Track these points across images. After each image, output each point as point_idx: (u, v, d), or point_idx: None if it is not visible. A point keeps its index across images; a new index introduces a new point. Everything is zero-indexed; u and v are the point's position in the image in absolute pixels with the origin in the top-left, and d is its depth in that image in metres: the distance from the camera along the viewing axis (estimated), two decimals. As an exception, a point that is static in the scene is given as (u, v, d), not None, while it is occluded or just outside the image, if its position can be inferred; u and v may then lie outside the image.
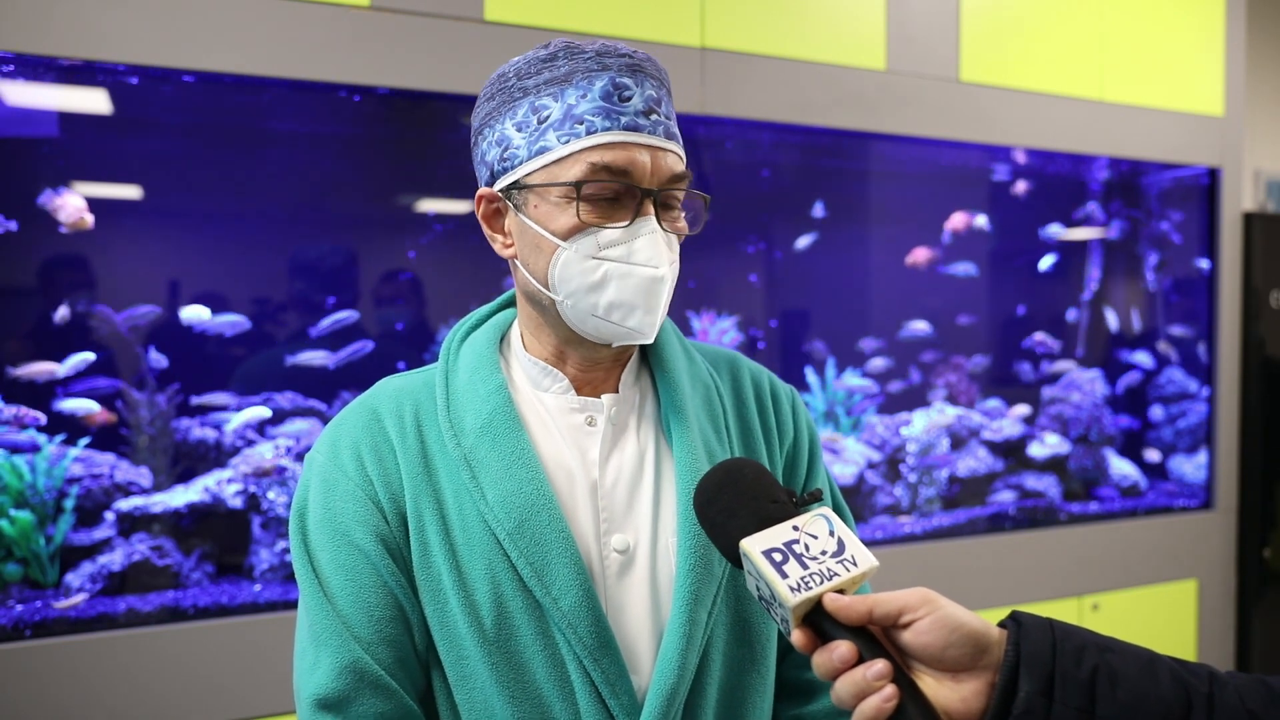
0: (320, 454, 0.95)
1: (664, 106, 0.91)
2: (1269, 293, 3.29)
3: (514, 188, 0.91)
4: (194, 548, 2.19)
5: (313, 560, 0.91)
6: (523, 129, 0.90)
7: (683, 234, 0.94)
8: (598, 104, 0.87)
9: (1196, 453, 3.35)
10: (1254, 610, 3.27)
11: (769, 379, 1.08)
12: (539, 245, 0.90)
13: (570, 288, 0.89)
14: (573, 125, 0.87)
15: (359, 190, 2.55)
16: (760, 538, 0.73)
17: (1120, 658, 0.69)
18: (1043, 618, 0.71)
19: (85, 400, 2.11)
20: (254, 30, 1.97)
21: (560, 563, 0.87)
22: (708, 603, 0.90)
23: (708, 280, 2.95)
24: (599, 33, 2.29)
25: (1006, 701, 0.67)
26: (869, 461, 2.99)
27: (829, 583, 0.70)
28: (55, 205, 2.02)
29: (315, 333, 2.36)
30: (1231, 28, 3.20)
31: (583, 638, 0.86)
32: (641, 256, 0.88)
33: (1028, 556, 2.89)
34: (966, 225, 3.11)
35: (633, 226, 0.88)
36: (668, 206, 0.92)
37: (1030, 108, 2.87)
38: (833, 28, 2.59)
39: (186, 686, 1.93)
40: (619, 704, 0.87)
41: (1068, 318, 3.50)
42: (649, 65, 0.91)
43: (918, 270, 3.15)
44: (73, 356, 2.10)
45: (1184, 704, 0.67)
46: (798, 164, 3.07)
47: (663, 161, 0.89)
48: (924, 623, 0.68)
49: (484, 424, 0.92)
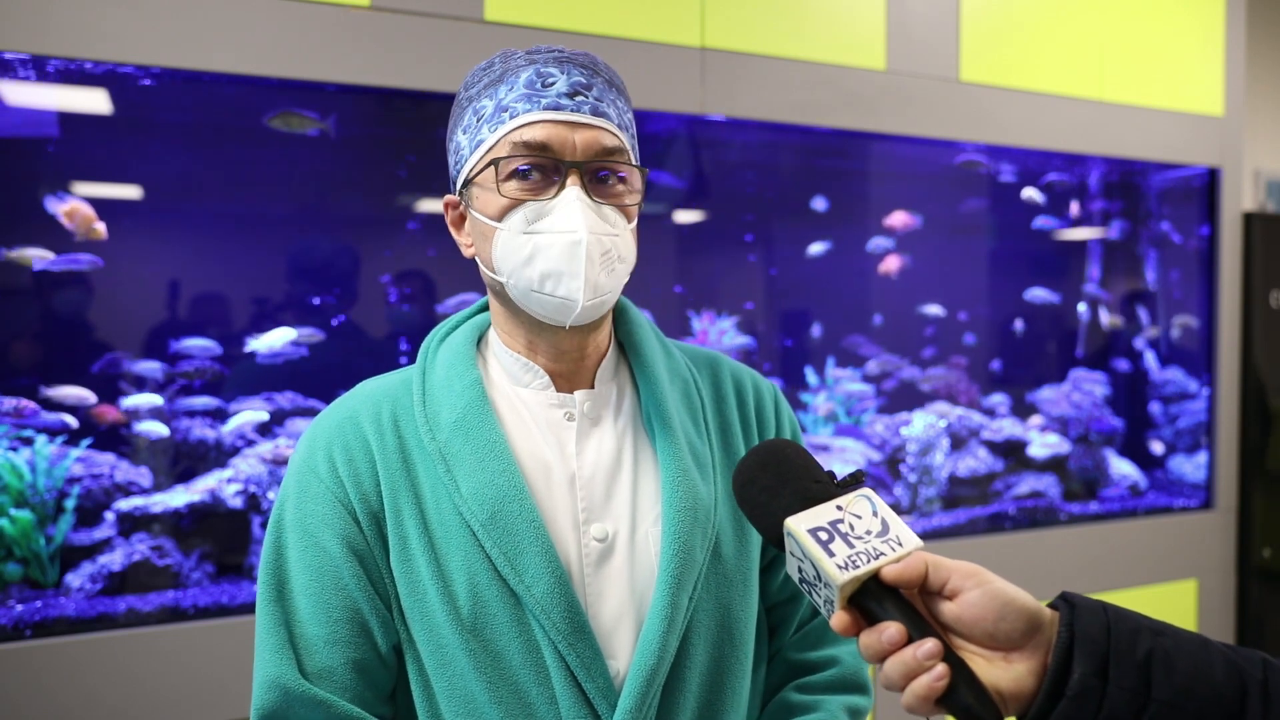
0: (298, 456, 0.98)
1: (595, 90, 0.94)
2: (1269, 293, 3.29)
3: (465, 187, 0.96)
4: (194, 548, 2.19)
5: (279, 560, 0.94)
6: (466, 131, 0.96)
7: (621, 205, 0.95)
8: (521, 92, 0.92)
9: (1196, 453, 3.35)
10: (1254, 610, 3.27)
11: (750, 377, 1.11)
12: (484, 233, 0.95)
13: (509, 266, 0.93)
14: (499, 114, 0.93)
15: (359, 190, 2.55)
16: (805, 516, 0.72)
17: (1174, 641, 0.68)
18: (1095, 599, 0.70)
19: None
20: (254, 30, 1.97)
21: (532, 551, 0.90)
22: (689, 587, 0.93)
23: (708, 280, 2.95)
24: (599, 33, 2.29)
25: (1060, 682, 0.66)
26: (869, 461, 2.99)
27: (876, 561, 0.69)
28: (64, 212, 2.02)
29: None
30: (1231, 28, 3.20)
31: (556, 623, 0.88)
32: (561, 224, 0.91)
33: (1028, 556, 2.89)
34: (905, 225, 3.09)
35: (556, 199, 0.91)
36: (601, 180, 0.94)
37: (1030, 108, 2.87)
38: (833, 28, 2.59)
39: (186, 686, 1.93)
40: (595, 687, 0.89)
41: (1067, 317, 3.50)
42: (579, 58, 0.95)
43: (917, 270, 3.15)
44: (139, 396, 2.18)
45: (1239, 689, 0.66)
46: (797, 164, 3.07)
47: (586, 135, 0.92)
48: (974, 595, 0.68)
49: (458, 418, 0.94)
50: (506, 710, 0.89)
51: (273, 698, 0.89)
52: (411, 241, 2.52)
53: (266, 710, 0.90)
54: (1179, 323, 3.49)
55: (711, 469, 1.00)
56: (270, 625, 0.92)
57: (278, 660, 0.90)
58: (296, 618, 0.92)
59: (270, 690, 0.89)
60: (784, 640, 1.09)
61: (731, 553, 0.99)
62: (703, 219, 2.92)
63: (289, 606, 0.93)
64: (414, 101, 2.25)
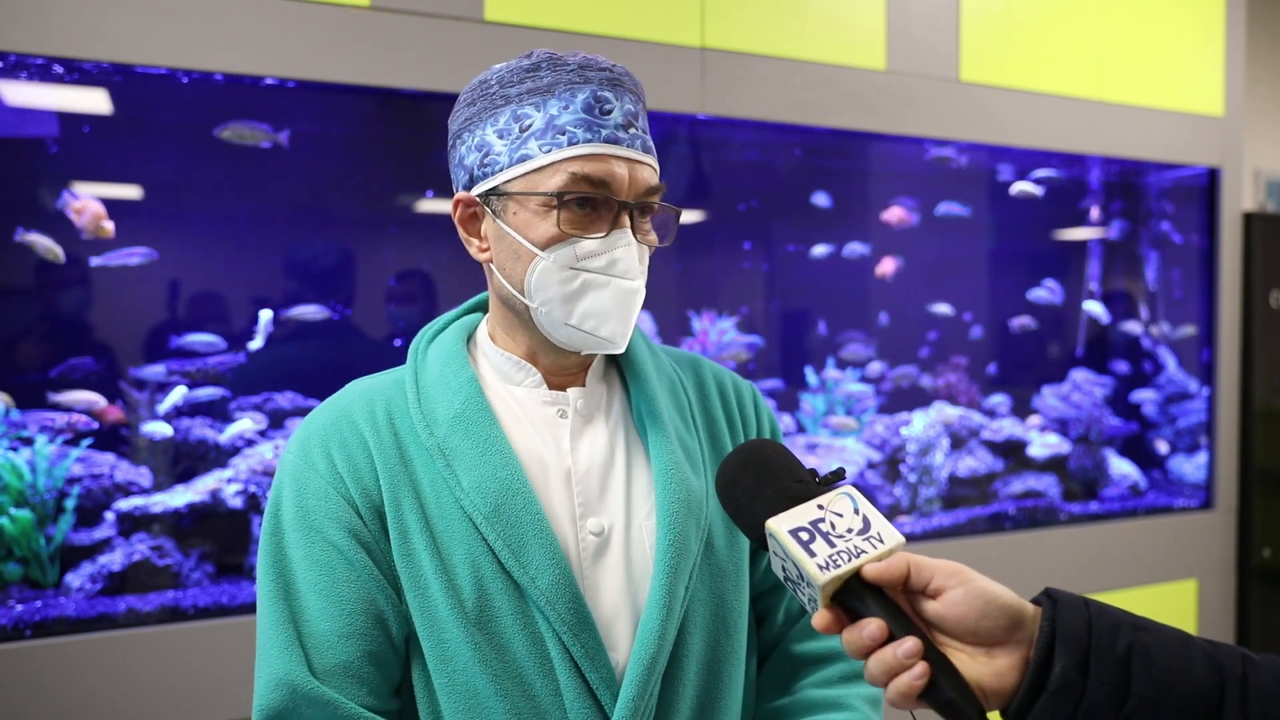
0: (292, 454, 0.97)
1: (641, 121, 0.94)
2: (1269, 293, 3.29)
3: (493, 194, 0.93)
4: (194, 548, 2.19)
5: (281, 560, 0.93)
6: (504, 136, 0.92)
7: (654, 246, 0.97)
8: (579, 115, 0.90)
9: (1196, 453, 3.35)
10: (1254, 610, 3.27)
11: (730, 376, 1.13)
12: (517, 252, 0.93)
13: (546, 295, 0.92)
14: (554, 135, 0.90)
15: (359, 190, 2.55)
16: (786, 517, 0.72)
17: (1154, 636, 0.69)
18: (1077, 595, 0.71)
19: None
20: (254, 30, 1.97)
21: (536, 543, 0.90)
22: (685, 577, 0.94)
23: (708, 280, 2.95)
24: (599, 33, 2.29)
25: (1041, 677, 0.67)
26: (869, 461, 2.99)
27: (857, 560, 0.70)
28: (74, 209, 2.02)
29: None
30: (1231, 28, 3.20)
31: (561, 614, 0.89)
32: (620, 268, 0.92)
33: (1028, 556, 2.89)
34: (901, 221, 3.09)
35: (610, 238, 0.91)
36: (641, 219, 0.94)
37: (1030, 108, 2.87)
38: (833, 28, 2.59)
39: (186, 686, 1.93)
40: (598, 677, 0.89)
41: (1067, 318, 3.50)
42: (627, 79, 0.94)
43: (916, 270, 3.15)
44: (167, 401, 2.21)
45: (1218, 684, 0.67)
46: (797, 164, 3.07)
47: (639, 174, 0.92)
48: (957, 593, 0.68)
49: (456, 414, 0.94)
50: (511, 703, 0.89)
51: (279, 696, 0.87)
52: (413, 241, 2.52)
53: (272, 710, 0.88)
54: (1179, 323, 3.49)
55: (701, 463, 1.01)
56: (276, 623, 0.90)
57: (286, 658, 0.88)
58: (305, 616, 0.90)
59: (277, 689, 0.88)
60: (771, 631, 1.10)
61: (723, 544, 1.00)
62: (702, 219, 2.92)
63: (296, 605, 0.91)
64: (415, 101, 2.25)
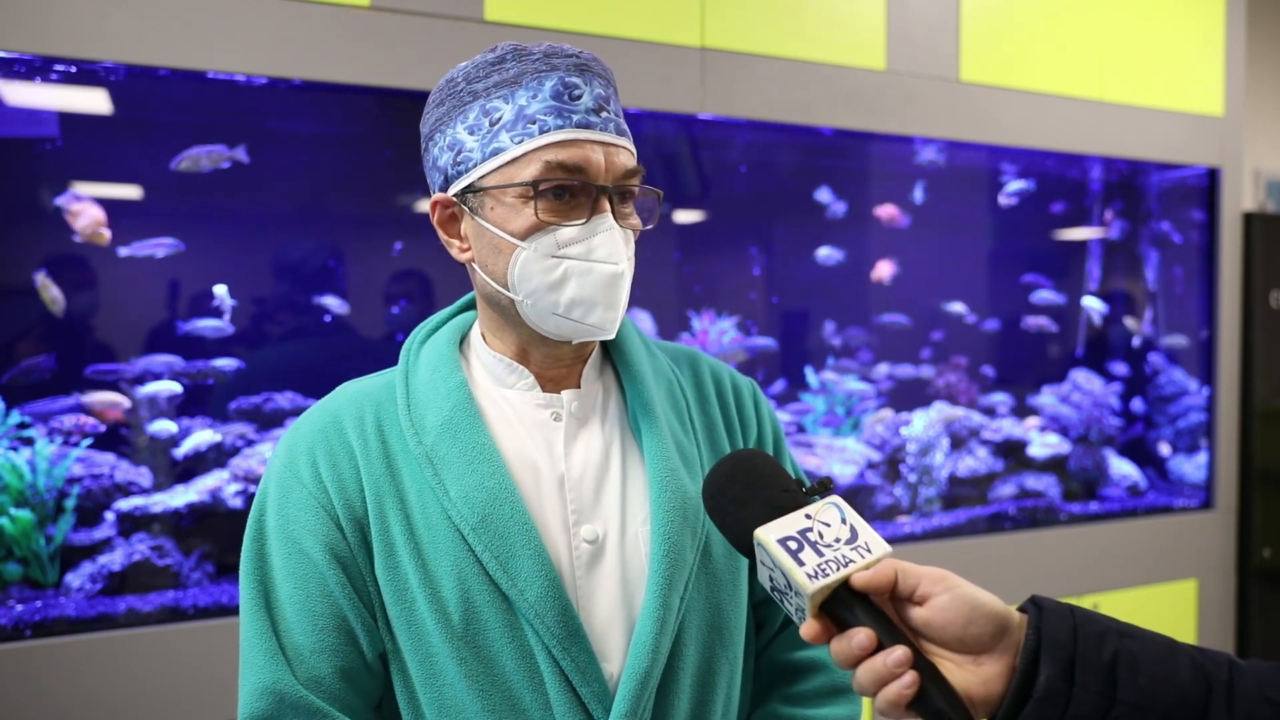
0: (278, 460, 0.96)
1: (613, 104, 0.92)
2: (1269, 293, 3.29)
3: (469, 191, 0.92)
4: (194, 548, 2.19)
5: (262, 567, 0.92)
6: (475, 132, 0.90)
7: (637, 230, 0.95)
8: (549, 103, 0.88)
9: (1196, 453, 3.35)
10: (1254, 610, 3.27)
11: (728, 373, 1.10)
12: (497, 247, 0.91)
13: (530, 287, 0.90)
14: (525, 125, 0.88)
15: (358, 190, 2.55)
16: (774, 526, 0.72)
17: (1140, 644, 0.69)
18: (1062, 603, 0.71)
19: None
20: (254, 30, 1.97)
21: (525, 554, 0.88)
22: (680, 588, 0.91)
23: (707, 280, 2.95)
24: (599, 33, 2.29)
25: (1027, 685, 0.67)
26: (869, 461, 2.99)
27: (846, 569, 0.70)
28: (71, 211, 2.02)
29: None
30: (1231, 28, 3.20)
31: (550, 627, 0.87)
32: (601, 253, 0.90)
33: (1028, 556, 2.89)
34: (892, 218, 3.09)
35: (590, 224, 0.89)
36: (622, 203, 0.93)
37: (1030, 108, 2.87)
38: (833, 28, 2.59)
39: (186, 686, 1.93)
40: (590, 691, 0.87)
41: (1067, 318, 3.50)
42: (595, 65, 0.92)
43: (917, 270, 3.15)
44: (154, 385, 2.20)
45: (1204, 690, 0.67)
46: (797, 164, 3.07)
47: (615, 158, 0.90)
48: (943, 599, 0.69)
49: (444, 421, 0.92)
50: (499, 719, 0.88)
51: (265, 704, 0.87)
52: (414, 241, 2.52)
53: (257, 717, 0.88)
54: (1179, 323, 3.49)
55: (699, 467, 0.99)
56: (260, 631, 0.90)
57: (272, 666, 0.88)
58: (284, 626, 0.90)
59: (262, 697, 0.87)
60: (765, 639, 1.08)
61: (721, 552, 0.98)
62: (702, 219, 2.92)
63: (276, 614, 0.91)
64: (415, 101, 2.25)
